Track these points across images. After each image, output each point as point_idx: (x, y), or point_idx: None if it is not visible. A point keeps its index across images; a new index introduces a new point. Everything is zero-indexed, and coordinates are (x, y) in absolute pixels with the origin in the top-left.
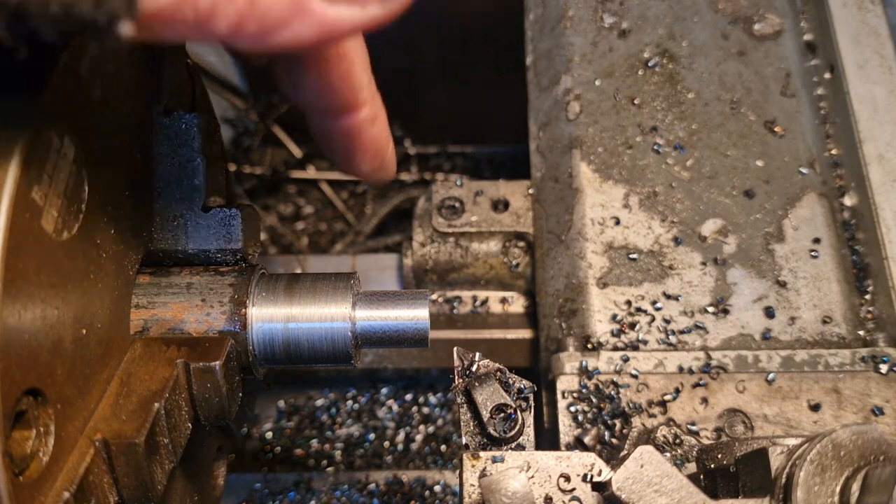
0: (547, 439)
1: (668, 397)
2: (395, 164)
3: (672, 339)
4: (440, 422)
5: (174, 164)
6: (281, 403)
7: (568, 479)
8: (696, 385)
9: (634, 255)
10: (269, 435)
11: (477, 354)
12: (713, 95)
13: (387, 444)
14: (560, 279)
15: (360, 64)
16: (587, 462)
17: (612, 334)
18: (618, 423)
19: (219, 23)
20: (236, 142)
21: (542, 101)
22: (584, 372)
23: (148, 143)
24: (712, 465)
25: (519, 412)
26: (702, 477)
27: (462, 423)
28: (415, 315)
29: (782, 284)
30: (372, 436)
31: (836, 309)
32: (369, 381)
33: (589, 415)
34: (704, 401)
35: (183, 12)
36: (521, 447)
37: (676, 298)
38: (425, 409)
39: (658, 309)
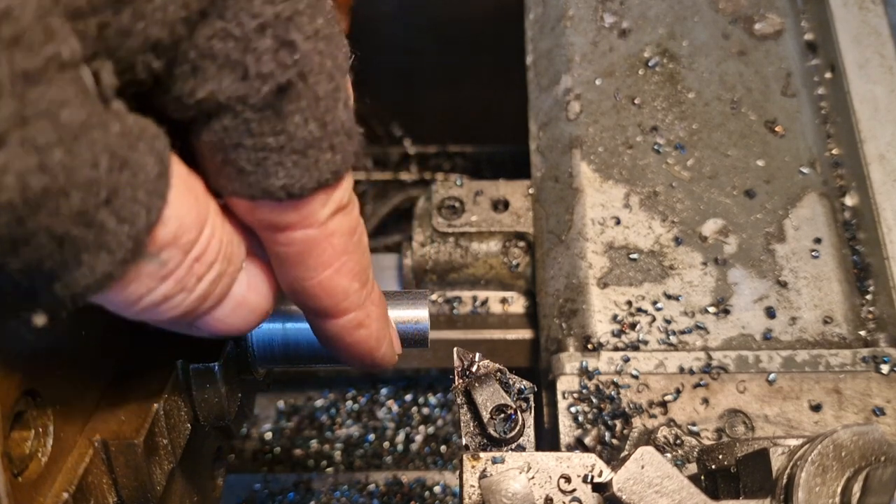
0: (547, 440)
1: (668, 398)
2: (391, 357)
3: (673, 339)
4: (440, 422)
5: None
6: (280, 404)
7: (568, 479)
8: (696, 385)
9: (635, 255)
10: (269, 435)
11: (477, 355)
12: (714, 95)
13: (386, 444)
14: (560, 279)
15: (348, 272)
16: (588, 463)
17: (613, 334)
18: (618, 423)
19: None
20: None
21: (543, 100)
22: (585, 372)
23: None
24: (713, 466)
25: (519, 413)
26: (702, 478)
27: (462, 424)
28: (415, 315)
29: (783, 284)
30: (372, 436)
31: (836, 309)
32: (369, 382)
33: (589, 415)
34: (705, 401)
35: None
36: (521, 448)
37: (677, 298)
38: (425, 410)
39: (659, 309)
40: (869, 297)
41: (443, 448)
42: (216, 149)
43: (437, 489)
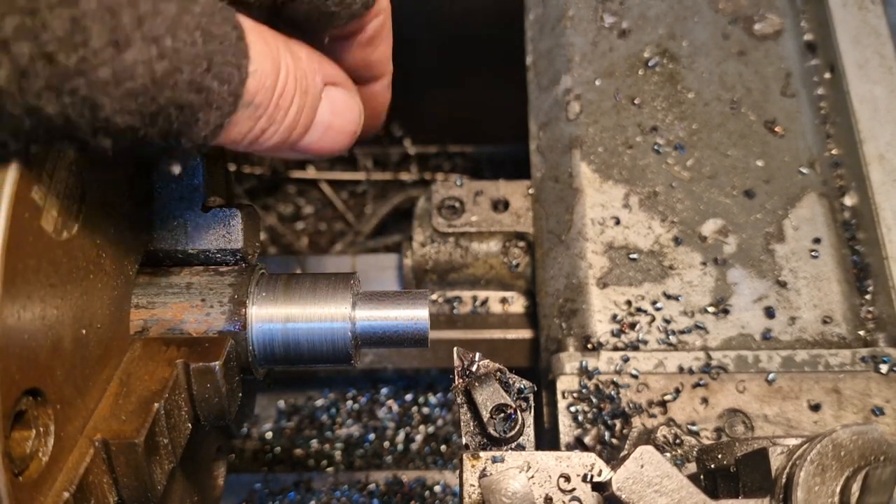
0: (547, 439)
1: (668, 397)
2: (381, 125)
3: (672, 339)
4: (440, 422)
5: None
6: (281, 403)
7: (568, 479)
8: (696, 385)
9: (635, 255)
10: (269, 435)
11: (477, 354)
12: (713, 95)
13: (387, 444)
14: (560, 279)
15: (390, 44)
16: (587, 462)
17: (613, 334)
18: (618, 423)
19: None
20: None
21: (543, 100)
22: (585, 372)
23: None
24: (712, 466)
25: (519, 412)
26: (702, 477)
27: (462, 424)
28: (415, 315)
29: (782, 284)
30: (372, 436)
31: (836, 309)
32: (369, 382)
33: (589, 415)
34: (704, 401)
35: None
36: (521, 447)
37: (677, 298)
38: (425, 410)
39: (658, 309)
40: (868, 296)
41: (443, 448)
42: None
43: (437, 489)
